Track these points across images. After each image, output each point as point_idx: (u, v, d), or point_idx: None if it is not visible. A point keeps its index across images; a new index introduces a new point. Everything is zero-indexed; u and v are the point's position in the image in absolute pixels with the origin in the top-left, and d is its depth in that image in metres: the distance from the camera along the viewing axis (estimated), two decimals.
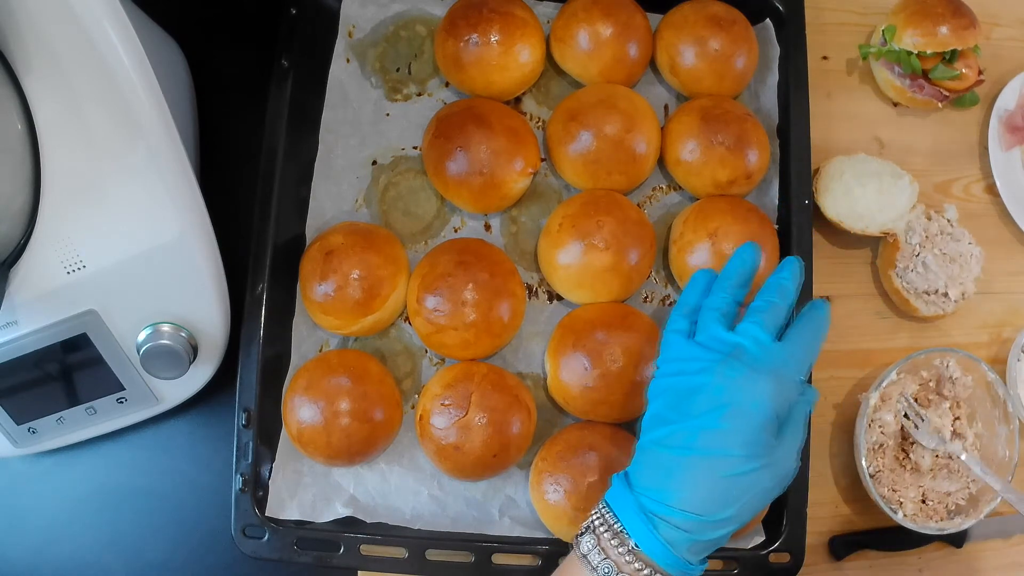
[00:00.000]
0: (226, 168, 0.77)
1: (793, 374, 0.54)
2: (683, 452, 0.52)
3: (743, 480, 0.51)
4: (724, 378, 0.53)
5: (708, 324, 0.57)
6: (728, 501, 0.51)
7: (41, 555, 0.74)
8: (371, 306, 0.70)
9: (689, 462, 0.51)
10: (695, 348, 0.56)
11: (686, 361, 0.55)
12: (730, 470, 0.51)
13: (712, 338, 0.56)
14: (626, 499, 0.53)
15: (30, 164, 0.58)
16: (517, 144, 0.73)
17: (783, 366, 0.54)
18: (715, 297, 0.58)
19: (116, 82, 0.55)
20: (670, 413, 0.54)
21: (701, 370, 0.54)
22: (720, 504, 0.51)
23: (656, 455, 0.53)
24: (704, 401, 0.53)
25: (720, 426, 0.51)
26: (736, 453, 0.51)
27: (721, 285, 0.59)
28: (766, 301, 0.56)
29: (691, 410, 0.53)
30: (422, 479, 0.72)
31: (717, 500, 0.51)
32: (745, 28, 0.78)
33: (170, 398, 0.71)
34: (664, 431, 0.54)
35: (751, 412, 0.52)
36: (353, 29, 0.79)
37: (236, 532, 0.67)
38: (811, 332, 0.56)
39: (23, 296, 0.61)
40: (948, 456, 0.77)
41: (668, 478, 0.52)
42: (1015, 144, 0.84)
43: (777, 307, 0.56)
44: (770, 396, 0.52)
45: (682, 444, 0.52)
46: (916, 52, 0.80)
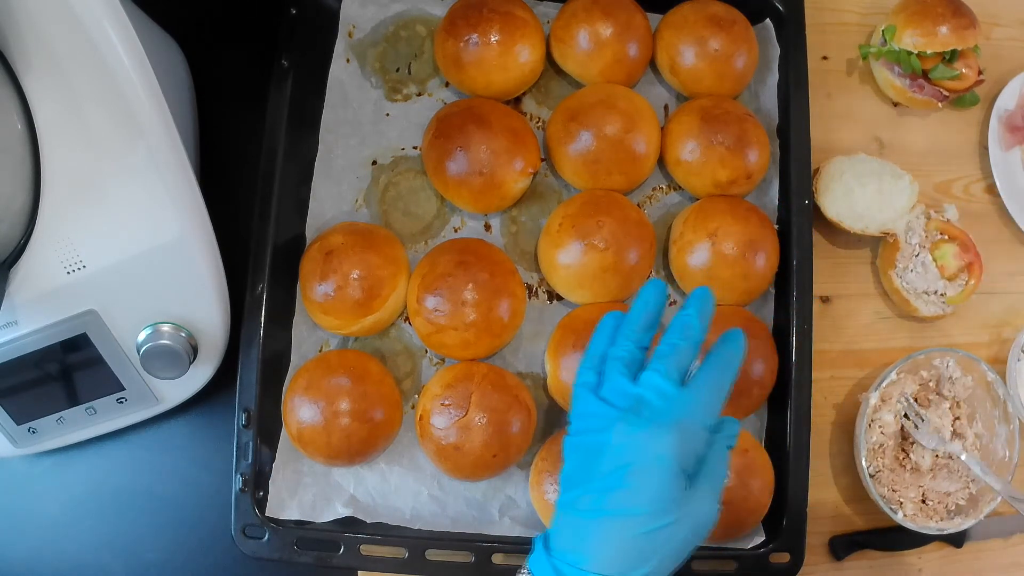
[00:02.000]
0: (226, 168, 0.77)
1: (700, 420, 0.52)
2: (593, 515, 0.51)
3: (655, 537, 0.50)
4: (625, 436, 0.51)
5: (610, 376, 0.55)
6: (642, 559, 0.50)
7: (41, 555, 0.74)
8: (371, 306, 0.70)
9: (599, 524, 0.50)
10: (598, 404, 0.54)
11: (591, 418, 0.54)
12: (640, 528, 0.50)
13: (614, 391, 0.54)
14: (543, 563, 0.51)
15: (30, 164, 0.58)
16: (517, 144, 0.73)
17: (688, 415, 0.52)
18: (618, 346, 0.56)
19: (116, 82, 0.55)
20: (579, 473, 0.53)
21: (602, 428, 0.52)
22: (634, 563, 0.50)
23: (569, 517, 0.52)
24: (608, 460, 0.51)
25: (625, 485, 0.50)
26: (644, 511, 0.50)
27: (624, 332, 0.56)
28: (669, 345, 0.54)
29: (597, 470, 0.52)
30: (422, 479, 0.72)
31: (630, 559, 0.50)
32: (745, 28, 0.78)
33: (170, 398, 0.71)
34: (575, 493, 0.53)
35: (654, 469, 0.50)
36: (353, 29, 0.79)
37: (236, 532, 0.67)
38: (720, 371, 0.54)
39: (23, 296, 0.61)
40: (948, 456, 0.77)
41: (581, 541, 0.51)
42: (1015, 144, 0.84)
43: (681, 349, 0.53)
44: (673, 450, 0.50)
45: (591, 506, 0.51)
46: (916, 52, 0.80)
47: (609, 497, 0.51)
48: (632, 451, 0.51)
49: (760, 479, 0.69)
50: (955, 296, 0.79)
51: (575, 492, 0.53)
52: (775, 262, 0.74)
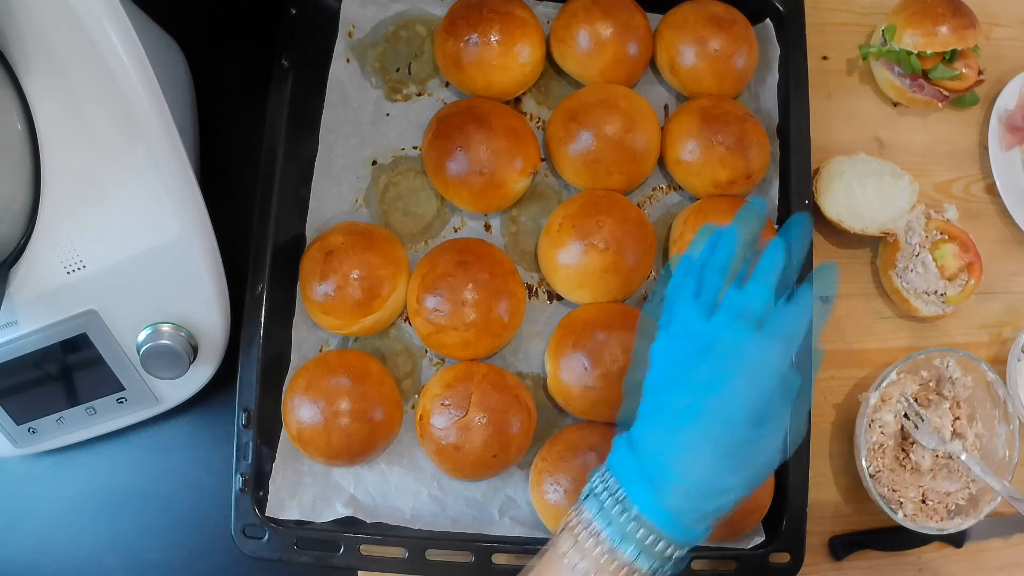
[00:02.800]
0: (226, 168, 0.77)
1: (800, 337, 0.51)
2: (689, 417, 0.49)
3: (751, 446, 0.49)
4: (732, 342, 0.50)
5: (714, 284, 0.54)
6: (735, 468, 0.49)
7: (41, 555, 0.74)
8: (371, 306, 0.70)
9: (695, 428, 0.49)
10: (700, 308, 0.53)
11: (692, 321, 0.52)
12: (738, 434, 0.49)
13: (718, 298, 0.53)
14: (629, 464, 0.50)
15: (30, 164, 0.58)
16: (517, 144, 0.73)
17: (792, 329, 0.51)
18: (721, 255, 0.55)
19: (116, 82, 0.55)
20: (675, 376, 0.52)
21: (708, 333, 0.51)
22: (727, 471, 0.49)
23: (661, 419, 0.51)
24: (711, 364, 0.50)
25: (726, 390, 0.49)
26: (744, 417, 0.49)
27: (728, 242, 0.55)
28: (773, 261, 0.53)
29: (696, 373, 0.50)
30: (422, 479, 0.72)
31: (723, 467, 0.49)
32: (745, 28, 0.78)
33: (170, 398, 0.71)
34: (669, 396, 0.51)
35: (760, 377, 0.49)
36: (353, 29, 0.79)
37: (236, 532, 0.67)
38: (802, 301, 0.54)
39: (23, 296, 0.61)
40: (948, 456, 0.77)
41: (673, 444, 0.49)
42: (1015, 144, 0.84)
43: (785, 268, 0.53)
44: (778, 360, 0.50)
45: (688, 409, 0.50)
46: (916, 52, 0.80)
47: (709, 400, 0.49)
48: (739, 356, 0.50)
49: None
50: (955, 296, 0.79)
51: (670, 395, 0.51)
52: None
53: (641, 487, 0.49)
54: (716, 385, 0.50)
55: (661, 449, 0.50)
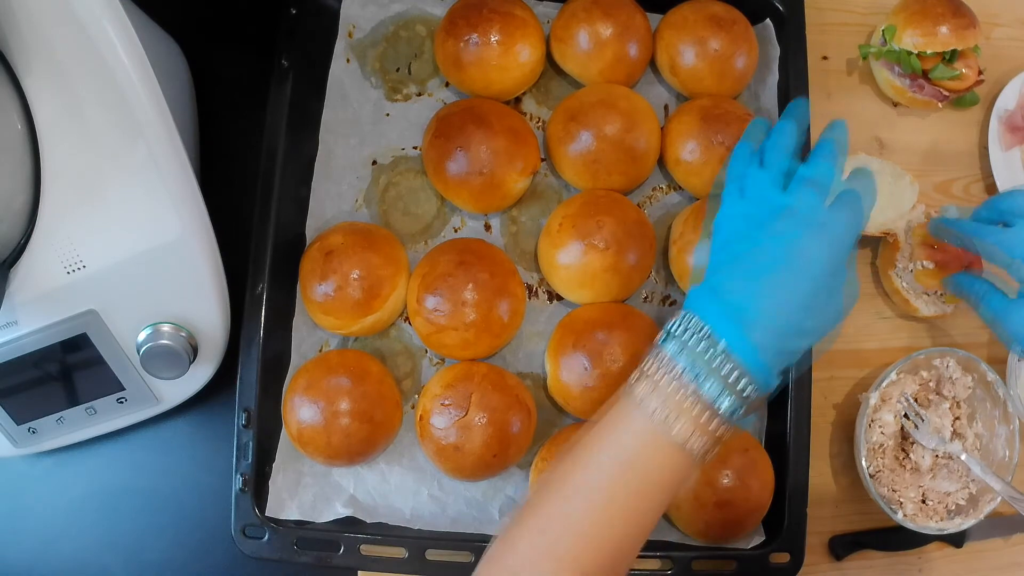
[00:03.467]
0: (226, 168, 0.77)
1: (865, 211, 0.56)
2: (772, 267, 0.52)
3: (826, 296, 0.53)
4: (809, 209, 0.54)
5: (781, 162, 0.57)
6: (813, 313, 0.52)
7: (41, 555, 0.74)
8: (371, 306, 0.70)
9: (779, 275, 0.52)
10: (774, 181, 0.56)
11: (767, 191, 0.56)
12: (818, 284, 0.52)
13: (789, 169, 0.57)
14: (714, 306, 0.52)
15: (30, 164, 0.58)
16: (517, 144, 0.73)
17: (858, 203, 0.55)
18: (784, 137, 0.59)
19: (116, 82, 0.55)
20: (753, 233, 0.54)
21: (785, 202, 0.54)
22: (806, 314, 0.52)
23: (742, 269, 0.53)
24: (791, 226, 0.53)
25: (807, 247, 0.52)
26: (822, 272, 0.52)
27: (789, 126, 0.60)
28: (830, 149, 0.58)
29: (777, 232, 0.53)
30: (422, 479, 0.72)
31: (804, 311, 0.52)
32: (745, 28, 0.78)
33: (170, 398, 0.71)
34: (748, 250, 0.54)
35: (834, 240, 0.53)
36: (353, 29, 0.79)
37: (236, 532, 0.67)
38: (868, 180, 0.58)
39: (23, 296, 0.61)
40: (948, 456, 0.77)
41: (759, 287, 0.52)
42: (1015, 144, 0.84)
43: (838, 157, 0.57)
44: (847, 228, 0.54)
45: (771, 260, 0.53)
46: (916, 52, 0.80)
47: (791, 253, 0.52)
48: (815, 221, 0.53)
49: (760, 479, 0.69)
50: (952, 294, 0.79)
51: (746, 249, 0.54)
52: None
53: (728, 322, 0.51)
54: (797, 242, 0.53)
55: (747, 291, 0.52)
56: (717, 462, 0.68)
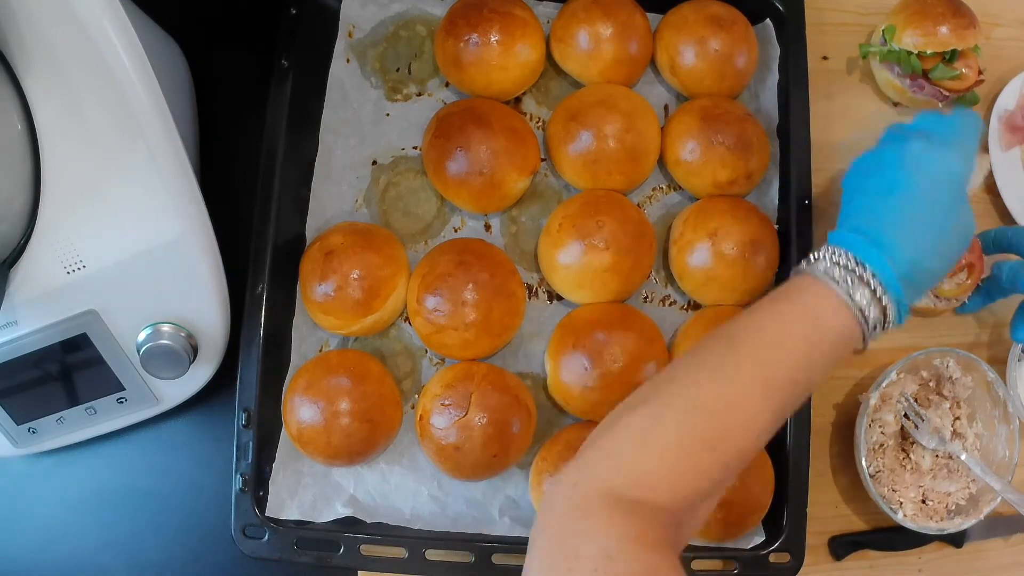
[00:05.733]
0: (226, 168, 0.77)
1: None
2: (908, 203, 0.56)
3: (952, 232, 0.57)
4: (934, 124, 0.59)
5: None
6: (941, 251, 0.56)
7: (41, 555, 0.74)
8: (371, 306, 0.70)
9: (914, 211, 0.56)
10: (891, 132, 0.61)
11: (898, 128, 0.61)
12: (949, 222, 0.56)
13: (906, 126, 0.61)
14: (860, 240, 0.55)
15: (30, 164, 0.58)
16: (517, 144, 0.73)
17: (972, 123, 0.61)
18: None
19: (116, 82, 0.55)
20: (887, 166, 0.58)
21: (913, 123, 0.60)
22: (936, 252, 0.56)
23: (869, 200, 0.57)
24: (920, 143, 0.57)
25: (934, 162, 0.57)
26: (950, 193, 0.57)
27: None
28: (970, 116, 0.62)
29: (912, 179, 0.57)
30: (422, 479, 0.72)
31: (937, 247, 0.56)
32: (745, 28, 0.78)
33: (170, 398, 0.71)
34: (883, 180, 0.57)
35: (954, 183, 0.57)
36: (353, 29, 0.79)
37: (236, 532, 0.67)
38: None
39: (23, 296, 0.61)
40: (948, 456, 0.77)
41: (897, 223, 0.55)
42: (1015, 144, 0.84)
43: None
44: (970, 146, 0.59)
45: (893, 183, 0.56)
46: (916, 52, 0.80)
47: (928, 195, 0.56)
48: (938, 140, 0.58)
49: (760, 479, 0.69)
50: (949, 290, 0.79)
51: (876, 181, 0.58)
52: (775, 262, 0.74)
53: (876, 254, 0.54)
54: (926, 163, 0.57)
55: (885, 228, 0.55)
56: None
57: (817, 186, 0.79)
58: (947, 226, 0.56)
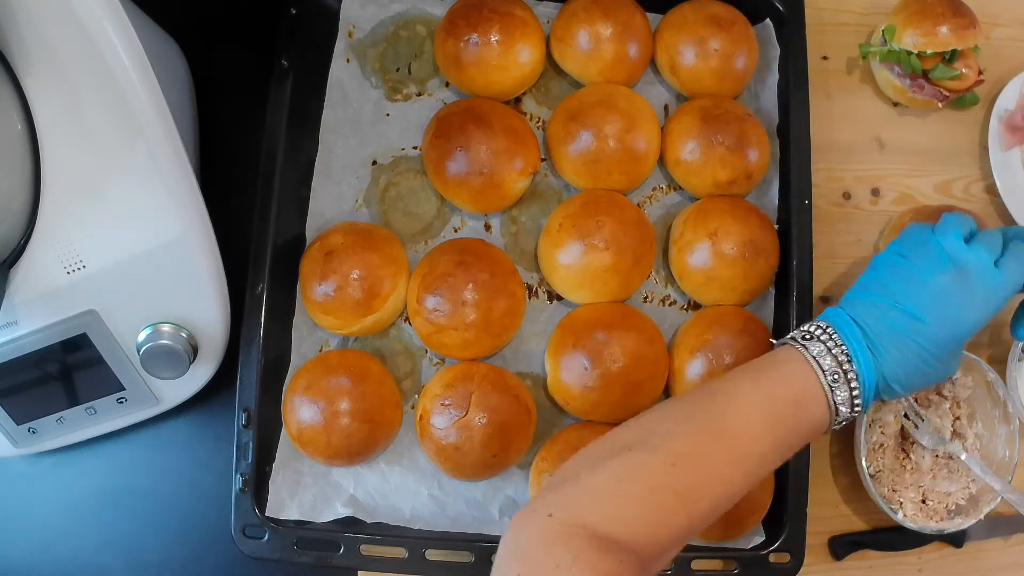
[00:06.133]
0: (226, 168, 0.77)
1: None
2: (910, 317, 0.57)
3: (938, 366, 0.58)
4: (984, 261, 0.58)
5: (951, 232, 0.60)
6: (917, 376, 0.57)
7: (41, 555, 0.74)
8: (371, 306, 0.70)
9: (911, 328, 0.56)
10: (937, 239, 0.59)
11: (948, 243, 0.59)
12: (957, 344, 0.58)
13: (953, 241, 0.59)
14: (848, 323, 0.57)
15: (30, 164, 0.58)
16: (517, 144, 0.73)
17: (1000, 289, 0.59)
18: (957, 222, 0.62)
19: (116, 82, 0.55)
20: (921, 280, 0.58)
21: (964, 257, 0.58)
22: (916, 384, 0.58)
23: (884, 304, 0.57)
24: (963, 284, 0.57)
25: (968, 307, 0.57)
26: (967, 332, 0.57)
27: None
28: (993, 234, 0.61)
29: (942, 284, 0.57)
30: (422, 479, 0.72)
31: (912, 372, 0.57)
32: (745, 28, 0.78)
33: (170, 398, 0.71)
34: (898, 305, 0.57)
35: (992, 301, 0.58)
36: (353, 29, 0.79)
37: (236, 532, 0.67)
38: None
39: (23, 296, 0.61)
40: (948, 456, 0.77)
41: (889, 332, 0.57)
42: (1015, 144, 0.84)
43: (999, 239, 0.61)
44: (1009, 292, 0.59)
45: (912, 309, 0.57)
46: (916, 52, 0.80)
47: (949, 310, 0.57)
48: (984, 282, 0.57)
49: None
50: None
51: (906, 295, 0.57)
52: (775, 262, 0.74)
53: (863, 354, 0.56)
54: (961, 298, 0.57)
55: (894, 347, 0.57)
56: None
57: (817, 186, 0.79)
58: (936, 371, 0.58)
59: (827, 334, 0.57)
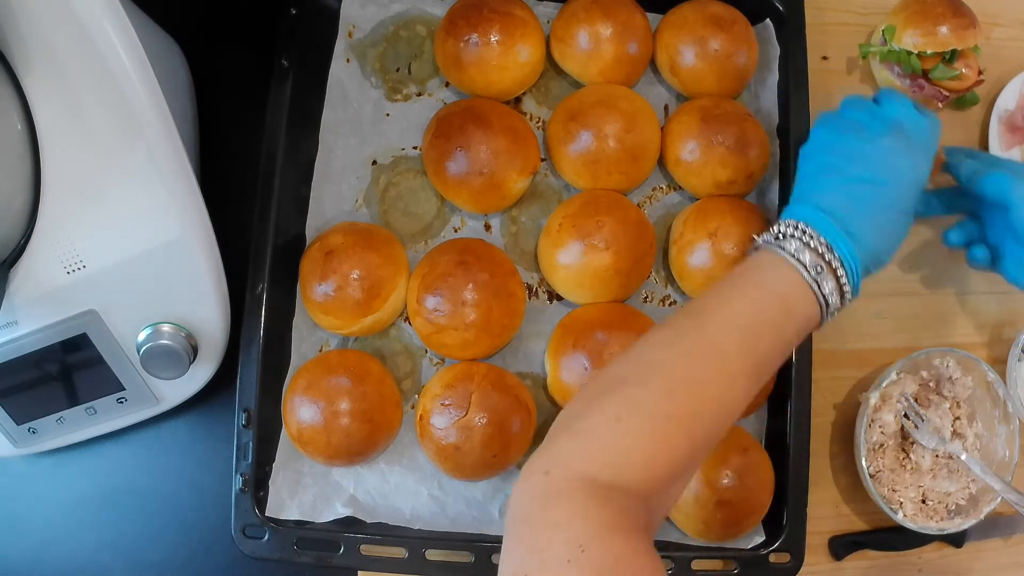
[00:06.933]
0: (226, 168, 0.77)
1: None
2: (883, 199, 0.57)
3: (907, 220, 0.59)
4: (908, 114, 0.60)
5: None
6: (895, 247, 0.58)
7: (41, 555, 0.74)
8: (371, 306, 0.70)
9: (888, 207, 0.57)
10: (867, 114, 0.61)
11: (864, 101, 0.62)
12: (914, 190, 0.59)
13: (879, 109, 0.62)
14: (826, 221, 0.56)
15: (30, 164, 0.58)
16: (517, 144, 0.73)
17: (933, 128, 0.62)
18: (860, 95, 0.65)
19: (116, 82, 0.55)
20: (853, 140, 0.59)
21: (885, 104, 0.61)
22: (893, 248, 0.58)
23: (842, 183, 0.58)
24: (896, 134, 0.59)
25: (910, 153, 0.58)
26: (920, 177, 0.59)
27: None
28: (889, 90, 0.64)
29: (881, 139, 0.58)
30: (422, 479, 0.72)
31: (900, 214, 0.58)
32: (745, 28, 0.78)
33: (170, 398, 0.71)
34: (850, 155, 0.58)
35: (921, 165, 0.59)
36: (353, 29, 0.79)
37: (236, 532, 0.67)
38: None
39: (23, 296, 0.61)
40: (948, 456, 0.77)
41: (870, 216, 0.57)
42: (1015, 144, 0.84)
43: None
44: (931, 154, 0.60)
45: (870, 176, 0.58)
46: (916, 52, 0.80)
47: (891, 169, 0.58)
48: (914, 132, 0.59)
49: (760, 479, 0.69)
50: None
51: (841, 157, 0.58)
52: None
53: (846, 243, 0.56)
54: (901, 152, 0.58)
55: (864, 221, 0.57)
56: (717, 462, 0.68)
57: None
58: (906, 227, 0.59)
59: (799, 230, 0.57)
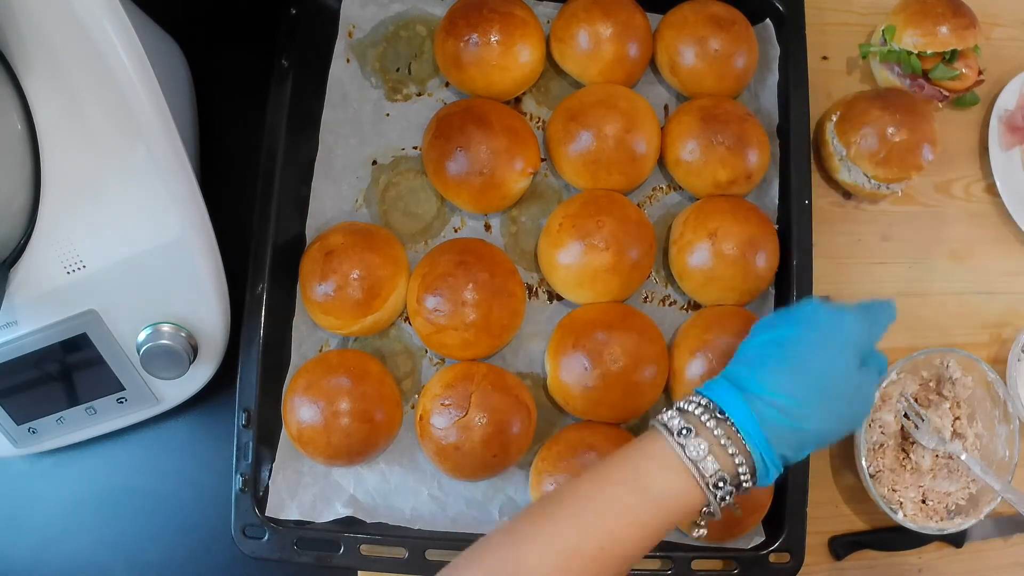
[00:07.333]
0: (226, 168, 0.77)
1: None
2: (781, 349, 0.55)
3: (833, 378, 0.55)
4: (824, 319, 0.57)
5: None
6: (818, 394, 0.54)
7: (41, 555, 0.74)
8: (371, 306, 0.70)
9: (785, 353, 0.55)
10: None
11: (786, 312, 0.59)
12: (823, 366, 0.55)
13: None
14: (721, 384, 0.55)
15: (30, 164, 0.58)
16: (517, 144, 0.73)
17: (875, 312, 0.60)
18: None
19: (116, 82, 0.55)
20: (775, 344, 0.57)
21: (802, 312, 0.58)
22: (810, 393, 0.54)
23: (756, 356, 0.56)
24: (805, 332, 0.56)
25: (819, 341, 0.56)
26: (836, 361, 0.55)
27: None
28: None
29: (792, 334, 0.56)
30: (422, 479, 0.72)
31: (808, 388, 0.54)
32: (745, 28, 0.78)
33: (170, 398, 0.71)
34: (765, 344, 0.57)
35: (844, 337, 0.56)
36: (353, 29, 0.79)
37: (236, 532, 0.67)
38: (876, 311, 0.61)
39: (23, 296, 0.61)
40: (948, 456, 0.77)
41: (764, 365, 0.55)
42: (1015, 144, 0.84)
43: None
44: (858, 332, 0.57)
45: (782, 347, 0.55)
46: (916, 52, 0.80)
47: (798, 344, 0.56)
48: (829, 325, 0.57)
49: None
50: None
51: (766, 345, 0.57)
52: (775, 262, 0.74)
53: (733, 399, 0.54)
54: (806, 338, 0.56)
55: (752, 370, 0.55)
56: None
57: (817, 186, 0.79)
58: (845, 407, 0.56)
59: (695, 401, 0.55)
